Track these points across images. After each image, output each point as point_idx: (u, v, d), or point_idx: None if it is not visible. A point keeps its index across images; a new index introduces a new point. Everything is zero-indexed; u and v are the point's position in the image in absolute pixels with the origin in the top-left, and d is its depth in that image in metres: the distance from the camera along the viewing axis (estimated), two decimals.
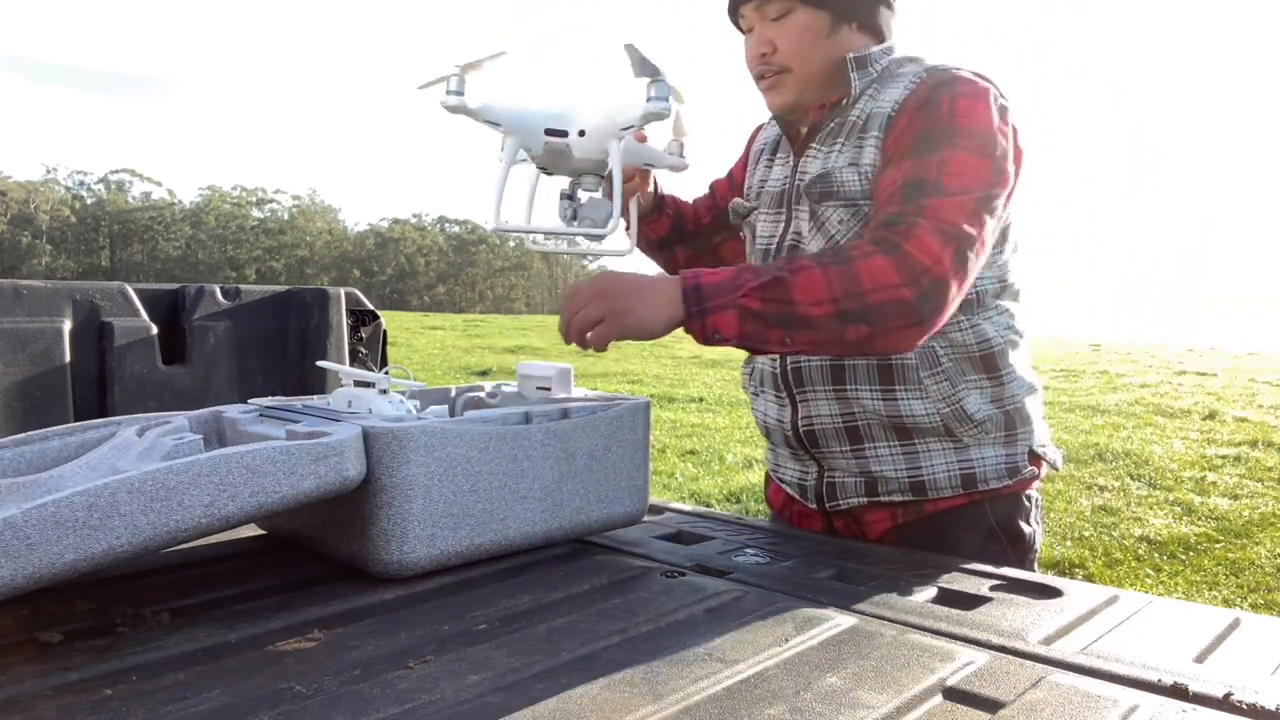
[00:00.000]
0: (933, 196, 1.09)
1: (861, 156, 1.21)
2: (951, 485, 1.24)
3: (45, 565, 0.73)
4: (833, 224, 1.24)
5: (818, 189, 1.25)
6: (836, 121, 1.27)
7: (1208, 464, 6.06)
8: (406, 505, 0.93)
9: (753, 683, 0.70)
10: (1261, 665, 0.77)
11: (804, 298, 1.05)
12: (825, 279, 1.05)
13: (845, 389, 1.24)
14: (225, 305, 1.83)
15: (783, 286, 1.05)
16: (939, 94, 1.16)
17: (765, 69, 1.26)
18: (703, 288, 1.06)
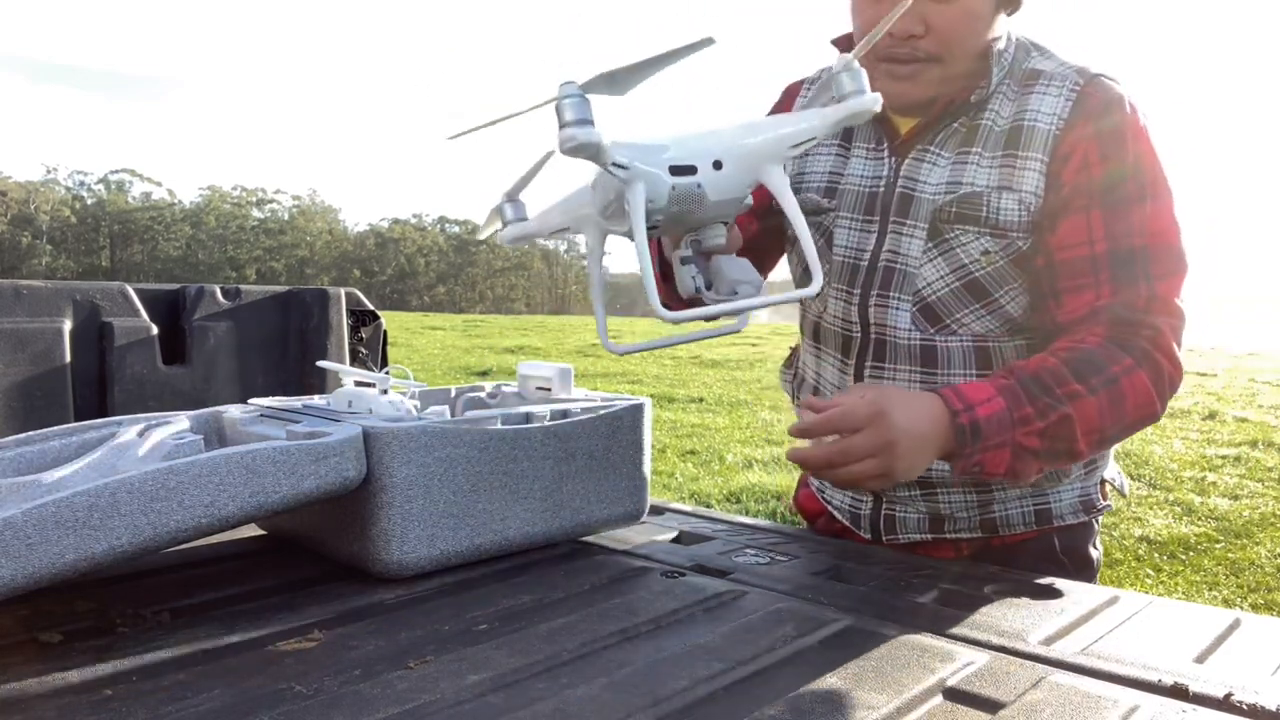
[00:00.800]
0: (1151, 278, 1.00)
1: (1020, 181, 1.03)
2: (1025, 522, 1.17)
3: (45, 565, 0.73)
4: (971, 253, 1.06)
5: (954, 209, 1.06)
6: (961, 122, 1.08)
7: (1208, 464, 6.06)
8: (406, 505, 0.93)
9: (753, 683, 0.70)
10: (1262, 666, 0.77)
11: (1082, 430, 0.96)
12: (1098, 409, 0.96)
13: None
14: (225, 305, 1.83)
15: (1068, 425, 0.95)
16: (1115, 123, 1.01)
17: (908, 52, 1.03)
18: (980, 425, 0.92)
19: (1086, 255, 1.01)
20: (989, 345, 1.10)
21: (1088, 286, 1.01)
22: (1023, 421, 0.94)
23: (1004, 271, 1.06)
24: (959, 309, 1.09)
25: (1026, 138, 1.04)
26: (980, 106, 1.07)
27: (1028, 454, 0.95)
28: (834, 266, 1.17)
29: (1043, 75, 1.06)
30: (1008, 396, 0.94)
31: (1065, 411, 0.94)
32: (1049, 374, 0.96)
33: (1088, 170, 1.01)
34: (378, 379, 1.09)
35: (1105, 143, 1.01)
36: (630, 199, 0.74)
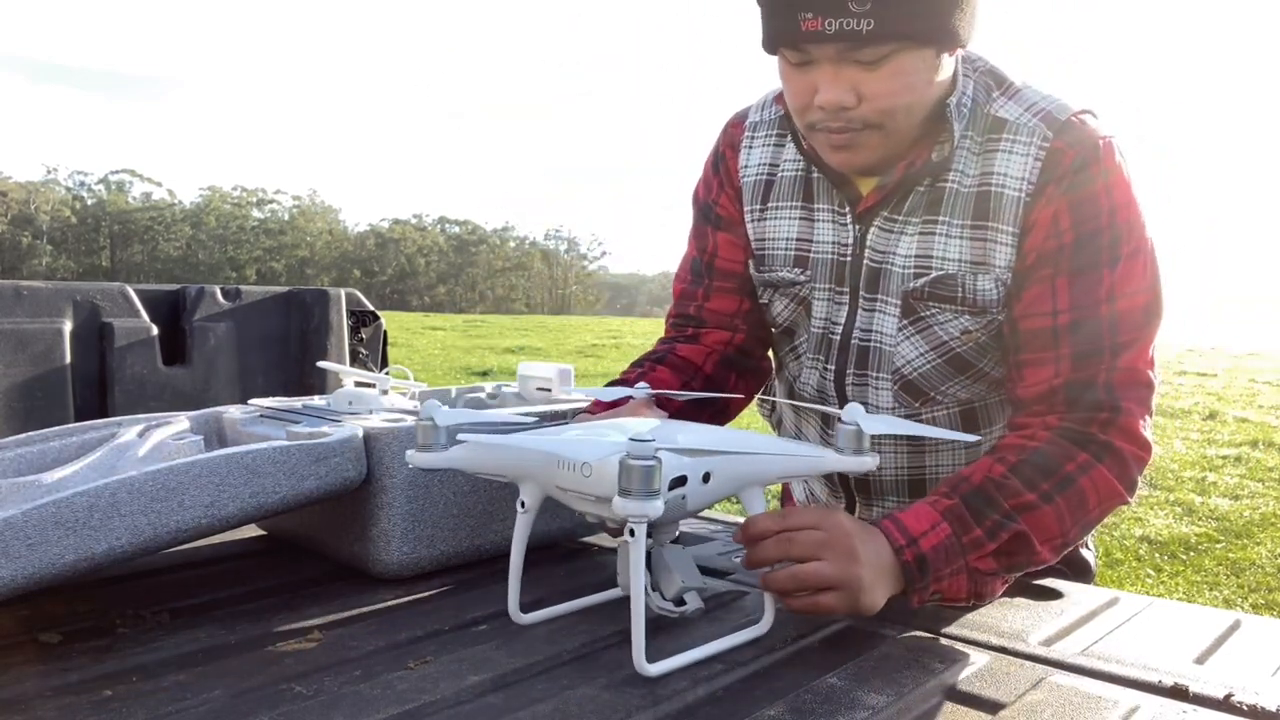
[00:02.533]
0: (1121, 348, 0.92)
1: (993, 257, 0.96)
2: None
3: (46, 566, 0.73)
4: (950, 331, 1.00)
5: (928, 289, 0.99)
6: (925, 185, 0.99)
7: (1208, 464, 6.05)
8: (407, 505, 0.93)
9: (753, 683, 0.70)
10: (1262, 666, 0.77)
11: (1039, 542, 0.88)
12: (1057, 515, 0.88)
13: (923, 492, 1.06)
14: (226, 306, 1.83)
15: (1023, 540, 0.86)
16: (1087, 181, 0.93)
17: (845, 125, 0.92)
18: (926, 558, 0.83)
19: (1049, 326, 0.94)
20: (975, 406, 1.06)
21: (1048, 361, 0.94)
22: (974, 545, 0.85)
23: (986, 345, 1.00)
24: (943, 382, 1.03)
25: (995, 206, 0.96)
26: (943, 165, 0.97)
27: (986, 575, 0.87)
28: (810, 338, 1.10)
29: (1007, 126, 0.96)
30: (952, 521, 0.85)
31: (1017, 529, 0.86)
32: (995, 487, 0.87)
33: (1058, 236, 0.94)
34: (378, 379, 1.09)
35: (1076, 207, 0.93)
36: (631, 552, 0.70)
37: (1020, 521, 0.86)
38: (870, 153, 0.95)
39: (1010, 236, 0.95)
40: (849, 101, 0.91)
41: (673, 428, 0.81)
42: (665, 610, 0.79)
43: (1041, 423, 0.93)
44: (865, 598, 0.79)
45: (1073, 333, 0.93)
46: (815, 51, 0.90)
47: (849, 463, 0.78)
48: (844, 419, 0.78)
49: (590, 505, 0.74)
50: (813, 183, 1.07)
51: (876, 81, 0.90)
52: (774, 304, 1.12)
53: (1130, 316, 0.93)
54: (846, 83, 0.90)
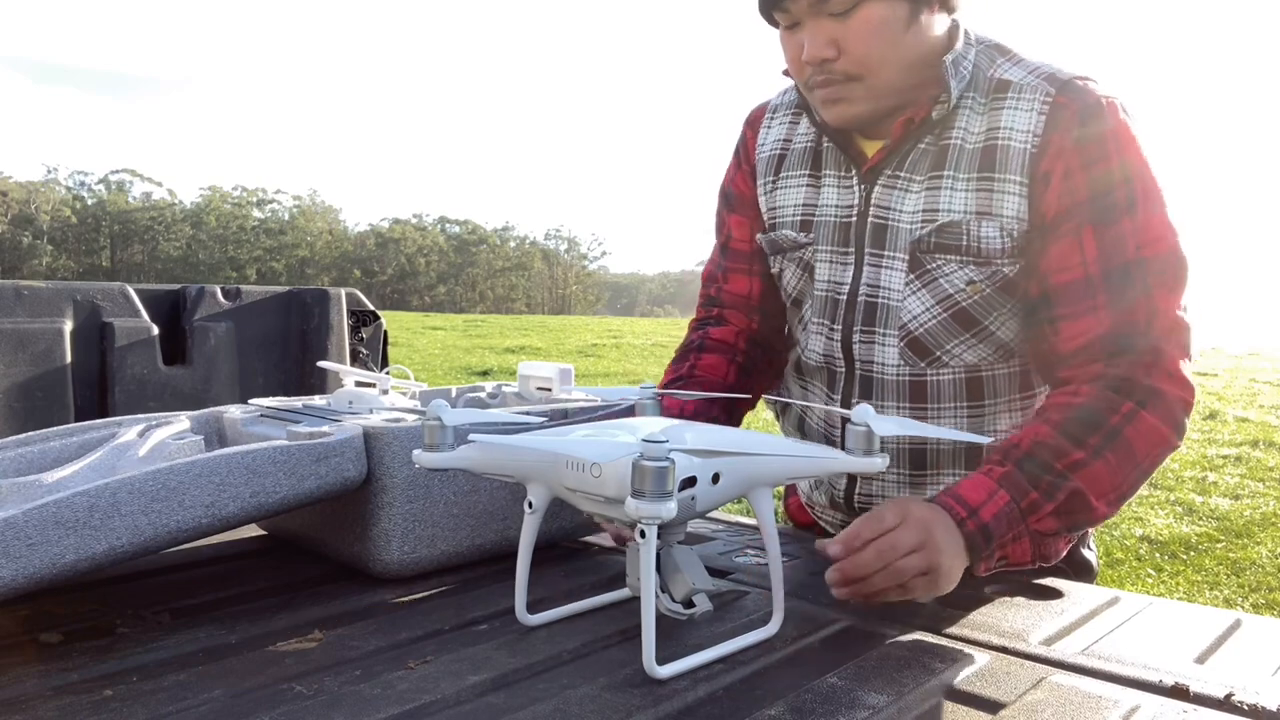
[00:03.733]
0: (1154, 291, 0.94)
1: (1000, 206, 0.98)
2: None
3: (46, 566, 0.73)
4: (955, 283, 1.01)
5: (934, 239, 1.01)
6: (928, 142, 1.02)
7: (1209, 464, 6.05)
8: (407, 505, 0.93)
9: (753, 683, 0.70)
10: (1262, 666, 0.77)
11: (1097, 500, 0.91)
12: (1109, 469, 0.91)
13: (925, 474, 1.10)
14: (226, 306, 1.84)
15: (1080, 497, 0.90)
16: (1095, 131, 0.95)
17: (829, 77, 0.99)
18: (988, 527, 0.87)
19: (1081, 278, 0.96)
20: (981, 374, 1.06)
21: (1085, 312, 0.96)
22: (1032, 509, 0.89)
23: (992, 299, 1.02)
24: (948, 340, 1.04)
25: (1002, 158, 0.98)
26: (946, 123, 1.01)
27: (1048, 536, 0.91)
28: (815, 301, 1.12)
29: (1011, 86, 1.00)
30: (1009, 487, 0.89)
31: (1073, 487, 0.89)
32: (1046, 449, 0.91)
33: (1071, 186, 0.96)
34: (378, 379, 1.09)
35: (1086, 153, 0.95)
36: (642, 553, 0.69)
37: (1074, 479, 0.89)
38: (857, 104, 1.01)
39: (1018, 186, 0.97)
40: (829, 53, 0.98)
41: (680, 428, 0.81)
42: (674, 612, 0.79)
43: (1085, 374, 0.95)
44: (944, 581, 0.84)
45: (1106, 282, 0.95)
46: (795, 9, 0.98)
47: (859, 463, 0.78)
48: (854, 420, 0.78)
49: (599, 506, 0.73)
50: (822, 153, 1.12)
51: (850, 32, 0.97)
52: (784, 273, 1.16)
53: (1159, 262, 0.95)
54: (825, 36, 0.98)
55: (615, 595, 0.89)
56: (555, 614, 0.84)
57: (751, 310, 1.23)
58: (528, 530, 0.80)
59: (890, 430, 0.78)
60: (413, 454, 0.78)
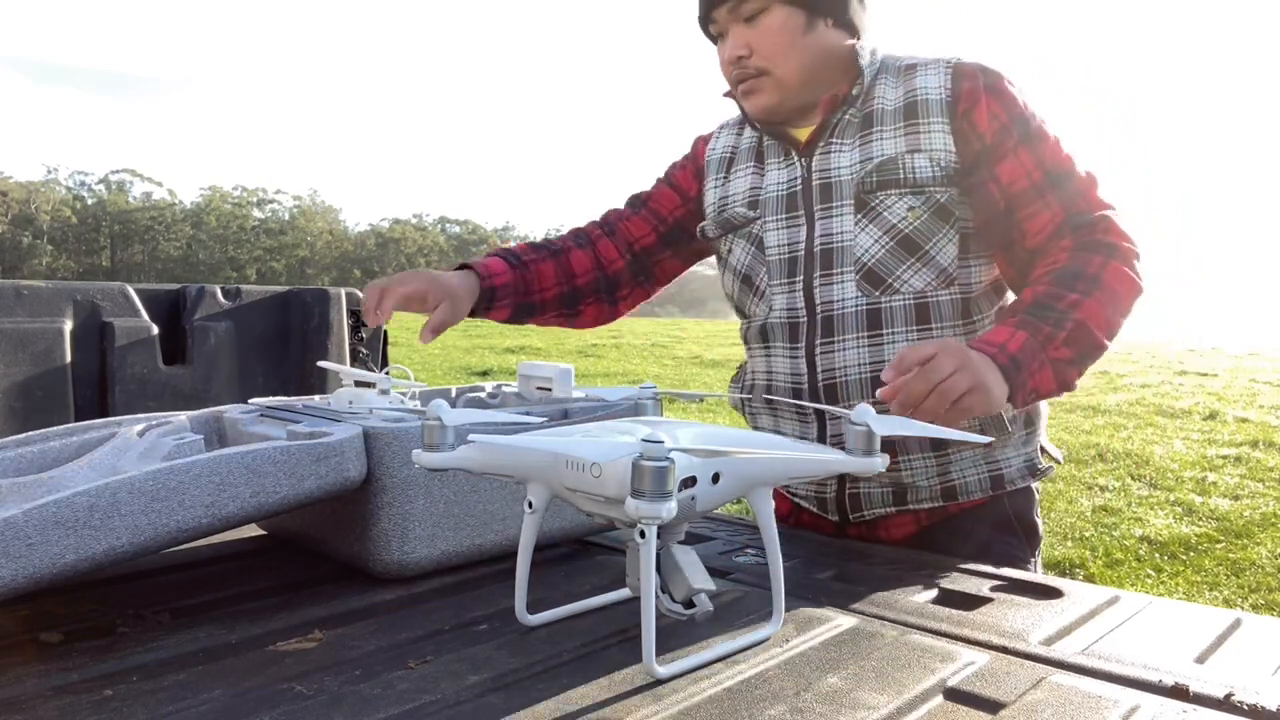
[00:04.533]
0: (1084, 186, 1.16)
1: (928, 143, 1.18)
2: (981, 488, 1.24)
3: (46, 565, 0.73)
4: (896, 213, 1.19)
5: (874, 178, 1.19)
6: (851, 112, 1.23)
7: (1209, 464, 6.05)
8: (407, 505, 0.93)
9: (753, 683, 0.70)
10: (1262, 666, 0.77)
11: (1099, 330, 1.09)
12: (1099, 305, 1.09)
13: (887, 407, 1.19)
14: (226, 305, 1.84)
15: (1084, 328, 1.08)
16: (994, 82, 1.18)
17: (743, 72, 1.23)
18: (1018, 358, 1.04)
19: (1029, 185, 1.17)
20: (928, 300, 1.20)
21: (1041, 209, 1.17)
22: (1048, 341, 1.06)
23: (929, 225, 1.19)
24: (897, 266, 1.19)
25: (923, 108, 1.19)
26: (866, 96, 1.23)
27: (1065, 364, 1.08)
28: (771, 266, 1.28)
29: (918, 64, 1.23)
30: (1026, 328, 1.07)
31: (1077, 317, 1.07)
32: (1045, 297, 1.10)
33: (994, 115, 1.17)
34: (378, 379, 1.09)
35: (994, 94, 1.18)
36: (642, 553, 0.69)
37: (1076, 314, 1.08)
38: (768, 95, 1.23)
39: (941, 124, 1.18)
40: (743, 52, 1.22)
41: (681, 428, 0.81)
42: (674, 612, 0.79)
43: (1058, 248, 1.16)
44: (994, 394, 1.01)
45: (1048, 182, 1.17)
46: (719, 20, 1.24)
47: (859, 463, 0.78)
48: (853, 420, 0.78)
49: (599, 506, 0.73)
50: (764, 149, 1.32)
51: (758, 34, 1.21)
52: (734, 250, 1.34)
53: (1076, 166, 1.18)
54: (740, 40, 1.22)
55: (615, 595, 0.89)
56: (555, 614, 0.84)
57: (626, 253, 1.45)
58: (528, 530, 0.80)
59: (891, 430, 0.78)
60: (413, 454, 0.78)
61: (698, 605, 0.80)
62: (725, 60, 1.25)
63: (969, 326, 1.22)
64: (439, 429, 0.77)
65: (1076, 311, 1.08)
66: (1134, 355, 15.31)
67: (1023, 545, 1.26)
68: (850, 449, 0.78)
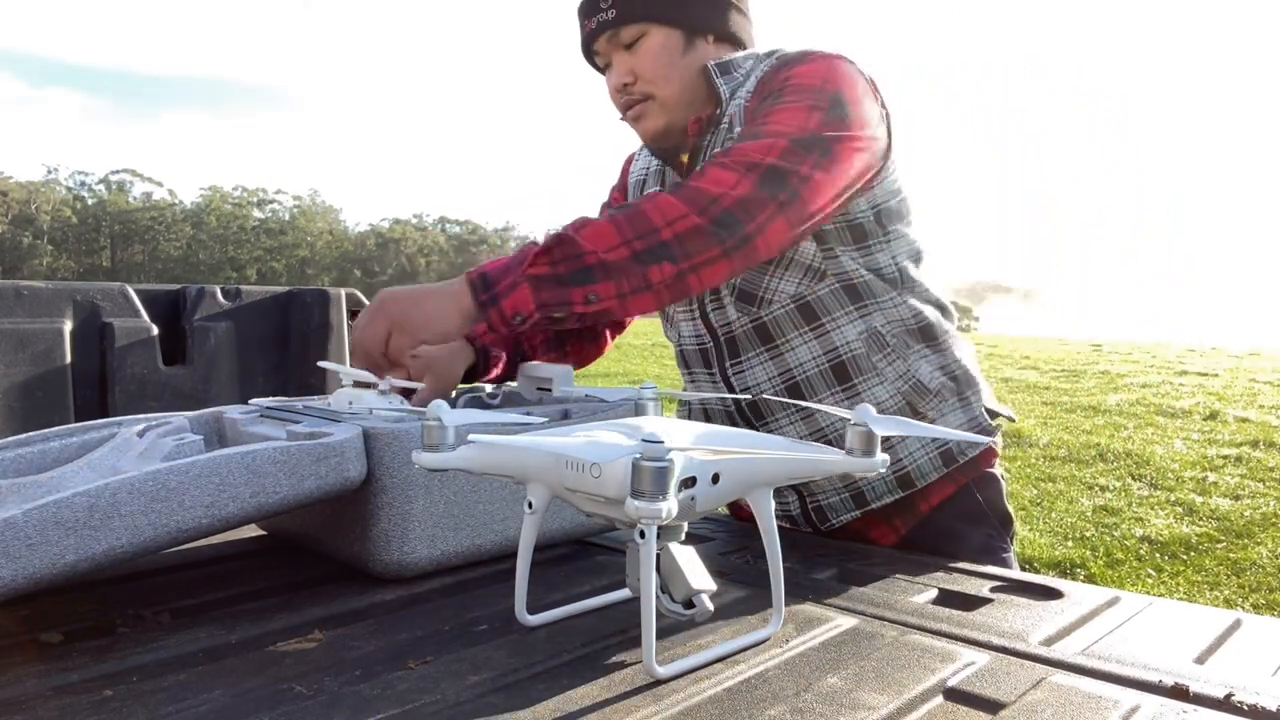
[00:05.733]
0: (739, 143, 1.09)
1: None
2: (934, 468, 1.25)
3: (45, 566, 0.73)
4: None
5: None
6: (712, 134, 1.25)
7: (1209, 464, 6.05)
8: (407, 506, 0.93)
9: (753, 683, 0.70)
10: (1263, 666, 0.77)
11: (595, 246, 1.02)
12: (614, 225, 1.03)
13: (807, 401, 1.22)
14: (226, 306, 1.84)
15: (568, 243, 1.02)
16: (780, 69, 1.17)
17: (629, 99, 1.24)
18: (488, 274, 1.04)
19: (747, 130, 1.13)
20: (807, 299, 1.21)
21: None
22: (527, 256, 1.02)
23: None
24: (762, 279, 1.21)
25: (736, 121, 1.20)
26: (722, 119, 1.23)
27: (546, 281, 1.01)
28: None
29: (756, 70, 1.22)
30: (522, 249, 1.05)
31: (564, 233, 1.03)
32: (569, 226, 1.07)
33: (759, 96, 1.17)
34: (377, 380, 1.09)
35: (766, 86, 1.17)
36: (642, 553, 0.69)
37: (568, 230, 1.04)
38: (655, 117, 1.24)
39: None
40: (628, 79, 1.23)
41: (681, 428, 0.81)
42: (674, 613, 0.79)
43: None
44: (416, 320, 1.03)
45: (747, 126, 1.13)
46: (602, 51, 1.24)
47: (859, 463, 0.78)
48: (853, 420, 0.78)
49: (599, 506, 0.73)
50: (665, 172, 1.36)
51: (638, 60, 1.22)
52: None
53: (772, 124, 1.10)
54: (624, 67, 1.23)
55: (615, 595, 0.89)
56: (555, 614, 0.84)
57: None
58: (528, 530, 0.80)
59: (890, 430, 0.78)
60: (413, 455, 0.78)
61: (698, 605, 0.80)
62: (612, 89, 1.25)
63: (863, 310, 1.22)
64: (439, 429, 0.77)
65: (573, 228, 1.04)
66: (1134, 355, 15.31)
67: (1000, 535, 1.27)
68: (850, 449, 0.78)
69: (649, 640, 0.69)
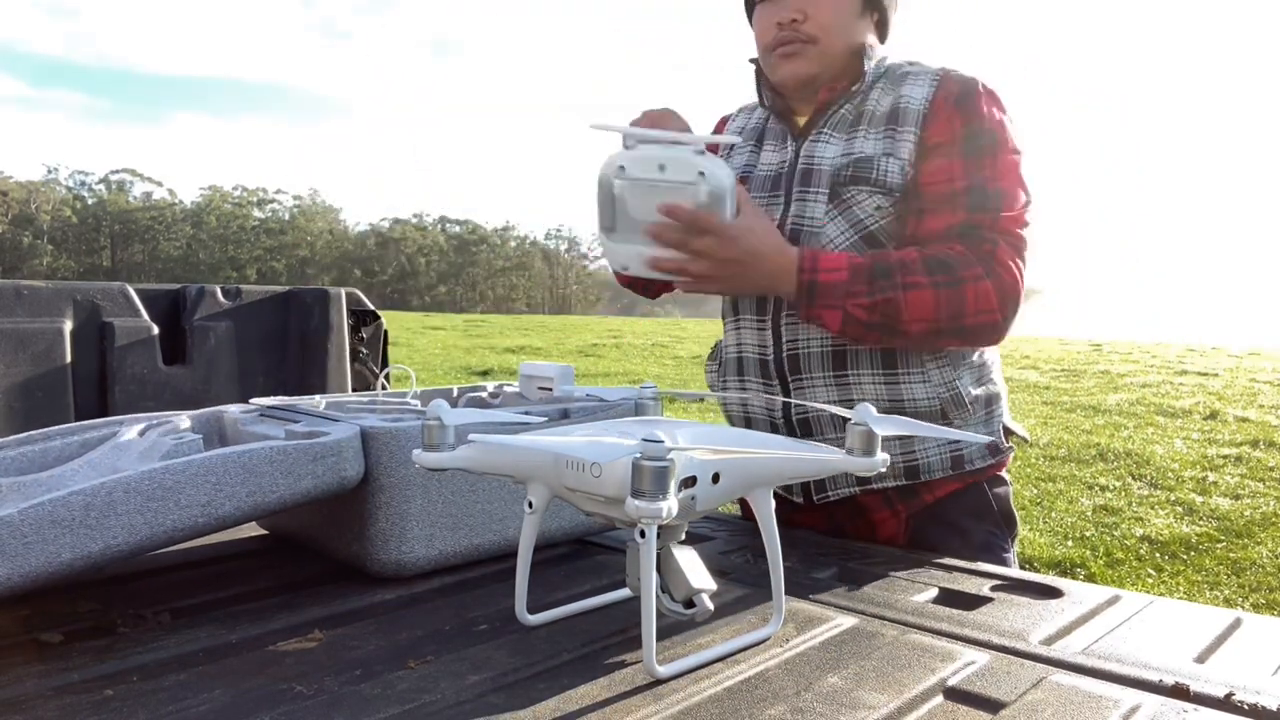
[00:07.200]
0: (999, 209, 1.18)
1: (898, 149, 1.23)
2: (943, 468, 1.26)
3: (42, 565, 0.73)
4: (864, 209, 1.23)
5: (850, 172, 1.23)
6: (847, 108, 1.27)
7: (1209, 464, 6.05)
8: (405, 505, 0.93)
9: (753, 683, 0.70)
10: (1263, 665, 0.77)
11: (911, 316, 1.14)
12: (935, 301, 1.14)
13: (847, 374, 1.23)
14: (226, 305, 1.83)
15: (892, 306, 1.14)
16: (971, 93, 1.22)
17: (792, 35, 1.26)
18: (818, 286, 1.14)
19: (947, 190, 1.20)
20: None
21: (945, 210, 1.20)
22: (852, 295, 1.14)
23: (892, 226, 1.23)
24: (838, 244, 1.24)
25: (902, 116, 1.24)
26: (862, 95, 1.28)
27: (856, 323, 1.15)
28: None
29: (912, 73, 1.28)
30: (852, 272, 1.15)
31: (894, 296, 1.14)
32: (901, 264, 1.15)
33: (951, 130, 1.21)
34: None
35: (961, 109, 1.22)
36: (642, 553, 0.69)
37: (901, 293, 1.14)
38: (810, 63, 1.27)
39: (912, 135, 1.23)
40: (798, 16, 1.25)
41: (681, 428, 0.80)
42: (674, 612, 0.79)
43: (948, 245, 1.18)
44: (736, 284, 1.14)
45: (967, 194, 1.20)
46: None
47: (859, 463, 0.78)
48: (854, 420, 0.78)
49: (599, 506, 0.73)
50: (765, 130, 1.38)
51: (815, 3, 1.25)
52: None
53: (1009, 196, 1.20)
54: (797, 6, 1.25)
55: (615, 595, 0.89)
56: (555, 614, 0.84)
57: None
58: (528, 530, 0.80)
59: (891, 430, 0.78)
60: (413, 454, 0.78)
61: (698, 605, 0.80)
62: (773, 21, 1.27)
63: None
64: (439, 429, 0.77)
65: (904, 292, 1.13)
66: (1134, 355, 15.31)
67: (1002, 534, 1.28)
68: (849, 448, 0.78)
69: (649, 640, 0.69)
